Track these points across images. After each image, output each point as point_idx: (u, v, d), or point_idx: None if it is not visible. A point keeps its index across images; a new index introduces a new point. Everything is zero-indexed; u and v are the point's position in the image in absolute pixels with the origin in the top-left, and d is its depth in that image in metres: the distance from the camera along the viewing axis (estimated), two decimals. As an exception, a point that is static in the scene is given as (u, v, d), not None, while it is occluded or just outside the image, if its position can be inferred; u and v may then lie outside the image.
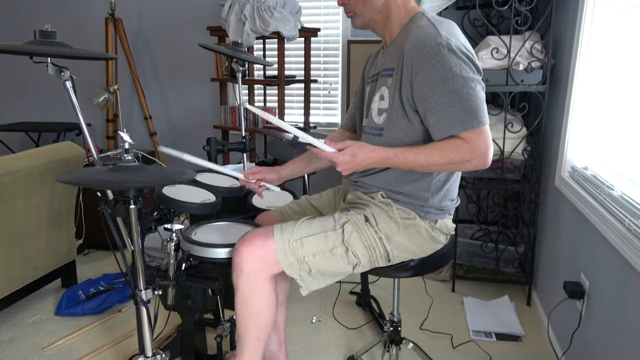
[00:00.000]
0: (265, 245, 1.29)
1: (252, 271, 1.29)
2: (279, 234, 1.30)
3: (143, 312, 1.36)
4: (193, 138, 3.80)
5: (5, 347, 2.03)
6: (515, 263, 2.50)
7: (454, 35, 1.22)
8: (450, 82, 1.17)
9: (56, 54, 1.28)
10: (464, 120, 1.17)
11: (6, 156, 2.03)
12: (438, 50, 1.17)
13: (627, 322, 1.30)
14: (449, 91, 1.17)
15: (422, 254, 1.40)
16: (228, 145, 2.02)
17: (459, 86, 1.16)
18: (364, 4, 1.32)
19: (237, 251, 1.30)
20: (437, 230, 1.38)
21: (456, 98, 1.17)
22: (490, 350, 2.00)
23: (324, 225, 1.33)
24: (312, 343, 2.06)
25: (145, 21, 3.68)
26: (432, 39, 1.19)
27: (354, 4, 1.33)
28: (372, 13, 1.33)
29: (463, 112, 1.16)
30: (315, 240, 1.30)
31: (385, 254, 1.34)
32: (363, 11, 1.33)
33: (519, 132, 2.25)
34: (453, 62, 1.17)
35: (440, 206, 1.37)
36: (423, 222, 1.35)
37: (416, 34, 1.23)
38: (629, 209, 1.35)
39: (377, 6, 1.32)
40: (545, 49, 2.17)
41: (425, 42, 1.19)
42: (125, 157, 1.24)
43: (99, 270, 2.73)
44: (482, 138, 1.17)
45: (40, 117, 4.06)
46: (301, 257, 1.29)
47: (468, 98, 1.16)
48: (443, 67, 1.17)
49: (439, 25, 1.23)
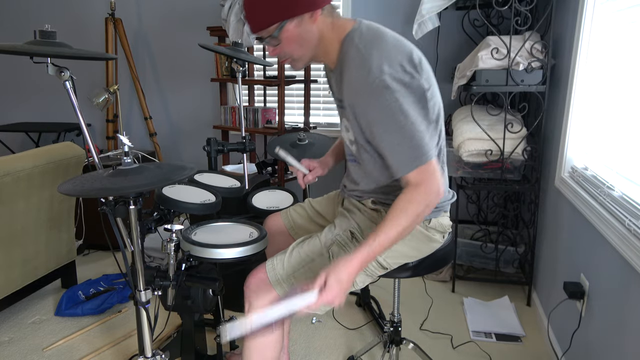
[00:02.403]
0: (265, 281, 1.32)
1: (260, 306, 1.31)
2: (272, 272, 1.32)
3: (143, 312, 1.36)
4: (193, 138, 3.80)
5: (5, 347, 2.03)
6: (515, 263, 2.50)
7: (388, 59, 1.13)
8: (389, 122, 1.12)
9: (56, 54, 1.28)
10: (408, 161, 1.14)
11: (6, 156, 2.03)
12: (372, 91, 1.12)
13: (627, 322, 1.30)
14: (390, 132, 1.14)
15: (419, 255, 1.39)
16: (228, 146, 2.02)
17: (399, 125, 1.12)
18: (300, 47, 1.23)
19: (247, 284, 1.34)
20: (431, 230, 1.36)
21: (398, 139, 1.13)
22: (490, 351, 2.00)
23: (311, 251, 1.34)
24: (312, 343, 2.06)
25: (145, 21, 3.68)
26: (364, 80, 1.12)
27: (290, 52, 1.24)
28: (310, 52, 1.25)
29: (406, 152, 1.13)
30: (307, 272, 1.31)
31: (378, 265, 1.34)
32: (302, 54, 1.25)
33: (519, 133, 2.25)
34: (390, 100, 1.11)
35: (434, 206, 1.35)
36: None
37: (350, 75, 1.17)
38: (629, 209, 1.35)
39: (313, 43, 1.23)
40: (545, 49, 2.17)
41: (358, 86, 1.15)
42: (125, 160, 1.25)
43: (99, 271, 2.73)
44: (427, 174, 1.14)
45: (40, 117, 4.06)
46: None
47: (411, 137, 1.12)
48: (381, 108, 1.12)
49: (368, 55, 1.13)
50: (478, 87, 2.22)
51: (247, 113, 3.24)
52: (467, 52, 2.50)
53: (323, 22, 1.21)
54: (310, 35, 1.21)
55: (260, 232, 1.47)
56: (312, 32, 1.21)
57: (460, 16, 2.97)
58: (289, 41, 1.21)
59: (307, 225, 1.62)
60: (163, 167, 1.32)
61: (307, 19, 1.19)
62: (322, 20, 1.21)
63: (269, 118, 3.22)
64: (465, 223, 2.90)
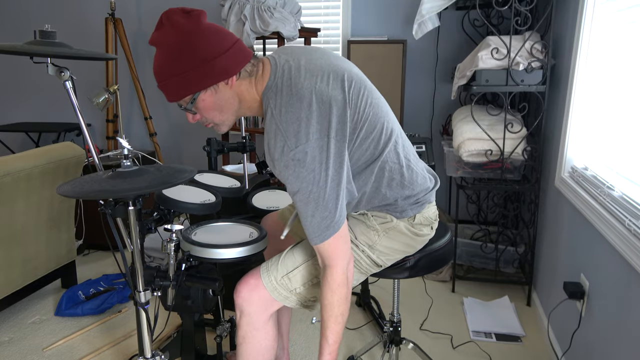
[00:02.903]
0: (258, 285, 1.31)
1: (252, 312, 1.32)
2: (266, 275, 1.31)
3: (142, 313, 1.36)
4: (193, 138, 3.80)
5: (5, 347, 2.03)
6: (515, 263, 2.50)
7: (303, 126, 1.08)
8: (304, 193, 1.11)
9: (56, 54, 1.28)
10: (319, 232, 1.14)
11: (6, 156, 2.03)
12: (288, 164, 1.10)
13: (627, 322, 1.30)
14: (304, 202, 1.12)
15: (412, 250, 1.39)
16: (228, 146, 2.02)
17: (312, 196, 1.11)
18: (220, 113, 1.21)
19: (237, 292, 1.33)
20: (417, 225, 1.35)
21: (311, 210, 1.12)
22: (490, 351, 2.00)
23: (305, 253, 1.33)
24: (312, 343, 2.06)
25: (145, 21, 3.68)
26: (279, 155, 1.10)
27: (211, 118, 1.22)
28: (233, 115, 1.23)
29: (318, 223, 1.13)
30: (300, 272, 1.31)
31: (373, 263, 1.35)
32: (225, 118, 1.23)
33: (519, 133, 2.25)
34: (304, 172, 1.09)
35: (415, 200, 1.32)
36: (401, 221, 1.32)
37: (269, 146, 1.14)
38: (629, 209, 1.35)
39: (234, 107, 1.21)
40: (545, 49, 2.17)
41: (275, 160, 1.12)
42: (124, 162, 1.25)
43: (98, 271, 2.73)
44: (336, 245, 1.16)
45: (40, 117, 4.06)
46: (293, 290, 1.32)
47: (324, 207, 1.12)
48: (296, 180, 1.10)
49: (283, 126, 1.09)
50: (478, 87, 2.22)
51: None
52: (467, 52, 2.50)
53: (240, 85, 1.18)
54: (229, 101, 1.19)
55: (260, 232, 1.47)
56: (230, 97, 1.18)
57: (460, 16, 2.97)
58: (206, 109, 1.19)
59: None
60: (163, 170, 1.32)
61: (222, 86, 1.15)
62: (239, 83, 1.17)
63: (269, 118, 3.21)
64: (465, 223, 2.90)
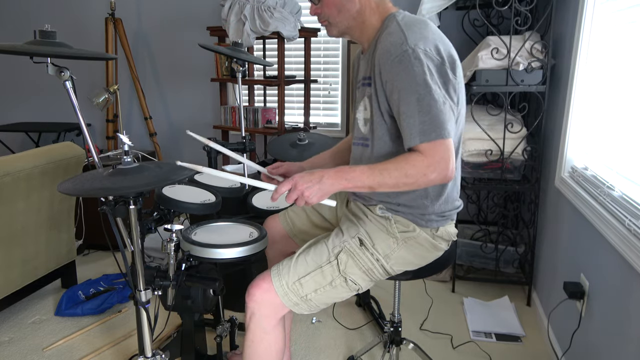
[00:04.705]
0: (270, 289, 1.30)
1: (263, 315, 1.31)
2: (277, 279, 1.31)
3: (143, 312, 1.36)
4: (193, 138, 3.80)
5: (5, 347, 2.03)
6: (515, 263, 2.50)
7: (425, 39, 1.16)
8: (412, 91, 1.13)
9: (56, 54, 1.28)
10: (422, 132, 1.13)
11: (6, 156, 2.03)
12: (402, 58, 1.14)
13: (627, 322, 1.30)
14: (410, 101, 1.14)
15: (423, 262, 1.39)
16: (228, 146, 2.02)
17: (420, 96, 1.13)
18: (339, 13, 1.27)
19: (249, 294, 1.32)
20: (438, 238, 1.36)
21: (416, 109, 1.13)
22: (490, 351, 2.00)
23: (319, 258, 1.32)
24: (312, 343, 2.06)
25: (145, 21, 3.68)
26: (398, 46, 1.15)
27: (328, 14, 1.29)
28: (347, 21, 1.29)
29: (421, 124, 1.13)
30: (313, 278, 1.30)
31: (384, 272, 1.34)
32: (339, 20, 1.29)
33: (519, 133, 2.25)
34: (417, 71, 1.13)
35: (442, 212, 1.34)
36: (423, 231, 1.33)
37: (385, 42, 1.19)
38: (629, 209, 1.35)
39: (352, 13, 1.27)
40: (545, 49, 2.17)
41: (391, 51, 1.16)
42: (125, 159, 1.25)
43: (98, 271, 2.73)
44: (440, 151, 1.13)
45: (40, 117, 4.06)
46: (304, 296, 1.30)
47: (428, 110, 1.12)
48: (407, 76, 1.13)
49: (408, 30, 1.17)
50: (478, 87, 2.22)
51: (247, 113, 3.24)
52: (467, 52, 2.50)
53: (367, 0, 1.26)
54: (351, 4, 1.26)
55: (260, 232, 1.47)
56: (353, 2, 1.26)
57: (460, 16, 2.97)
58: (329, 3, 1.27)
59: (307, 227, 1.60)
60: (163, 166, 1.32)
61: None
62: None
63: (269, 118, 3.22)
64: (465, 223, 2.90)
